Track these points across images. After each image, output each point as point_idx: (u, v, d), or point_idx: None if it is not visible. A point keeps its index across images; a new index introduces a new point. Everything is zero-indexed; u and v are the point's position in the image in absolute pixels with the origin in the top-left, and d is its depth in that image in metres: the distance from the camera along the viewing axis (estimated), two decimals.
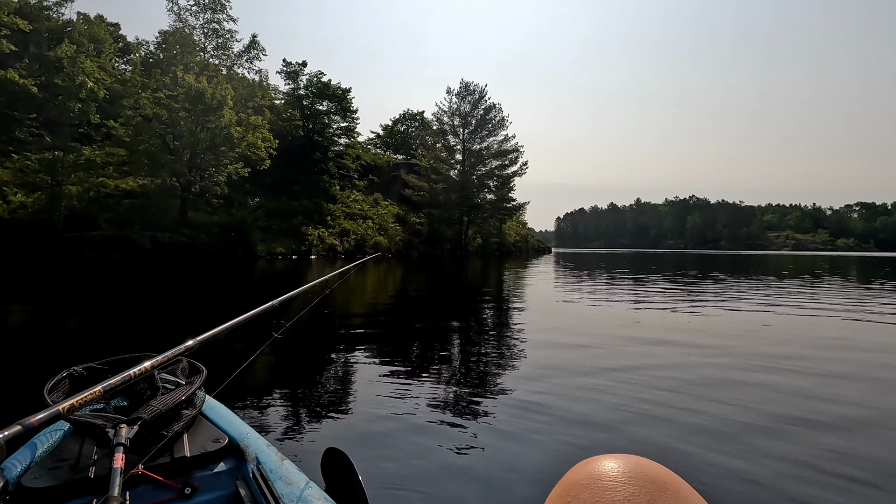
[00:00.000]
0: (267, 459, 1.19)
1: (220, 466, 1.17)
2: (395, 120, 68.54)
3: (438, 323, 7.28)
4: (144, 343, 5.12)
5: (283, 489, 1.09)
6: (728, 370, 4.33)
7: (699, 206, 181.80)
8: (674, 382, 3.86)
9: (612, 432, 2.87)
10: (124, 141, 27.22)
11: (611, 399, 3.44)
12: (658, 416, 3.13)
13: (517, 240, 57.40)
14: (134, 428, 1.05)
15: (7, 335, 5.79)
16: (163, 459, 1.10)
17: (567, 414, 3.13)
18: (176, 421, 1.19)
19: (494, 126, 47.61)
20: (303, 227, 32.94)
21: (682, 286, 13.28)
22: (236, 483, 1.15)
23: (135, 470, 1.02)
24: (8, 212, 22.51)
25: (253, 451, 1.21)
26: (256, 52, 40.68)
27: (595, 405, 3.32)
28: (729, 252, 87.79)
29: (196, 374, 1.43)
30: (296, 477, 1.15)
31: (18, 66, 30.33)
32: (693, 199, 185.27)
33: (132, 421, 1.07)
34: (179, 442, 1.17)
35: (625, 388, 3.70)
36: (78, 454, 1.08)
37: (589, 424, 2.97)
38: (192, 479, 1.11)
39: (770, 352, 5.10)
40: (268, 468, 1.16)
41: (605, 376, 4.04)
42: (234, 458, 1.21)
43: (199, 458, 1.14)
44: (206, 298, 10.07)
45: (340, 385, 3.91)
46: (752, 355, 4.92)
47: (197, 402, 1.32)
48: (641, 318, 7.57)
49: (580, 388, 3.69)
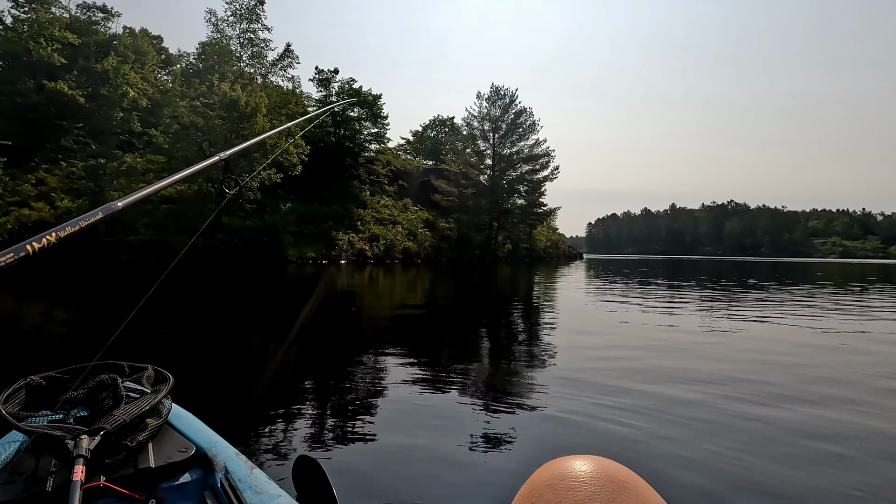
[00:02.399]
0: (236, 469, 1.16)
1: (186, 477, 1.12)
2: (425, 126, 68.86)
3: (444, 325, 6.95)
4: (159, 343, 5.07)
5: (253, 499, 1.06)
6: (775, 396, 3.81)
7: (738, 211, 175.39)
8: (708, 398, 3.40)
9: (644, 448, 2.70)
10: (163, 148, 28.08)
11: (642, 416, 3.20)
12: (694, 432, 2.92)
13: (548, 246, 56.44)
14: (95, 439, 1.00)
15: (38, 335, 5.77)
16: (126, 471, 1.05)
17: (585, 429, 3.00)
18: (141, 431, 1.13)
19: (525, 130, 47.09)
20: (333, 232, 33.20)
21: (734, 294, 12.50)
22: (203, 494, 1.11)
23: (96, 482, 0.97)
24: (54, 217, 23.46)
25: (221, 460, 1.18)
26: (290, 61, 41.55)
27: (621, 422, 3.11)
28: (770, 259, 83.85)
29: (162, 383, 1.35)
30: (266, 486, 1.12)
31: (68, 77, 31.85)
32: (731, 205, 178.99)
33: (94, 431, 1.02)
34: (144, 452, 1.12)
35: (659, 405, 3.40)
36: (34, 468, 1.01)
37: (611, 439, 2.83)
38: (157, 490, 1.07)
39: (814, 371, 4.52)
40: (237, 478, 1.13)
41: (636, 391, 3.78)
42: (202, 468, 1.17)
43: (164, 468, 1.10)
44: (235, 301, 10.02)
45: (315, 392, 3.80)
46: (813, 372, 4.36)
47: (163, 410, 1.26)
48: (683, 327, 7.01)
49: (604, 405, 3.38)
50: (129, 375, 1.37)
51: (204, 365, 4.70)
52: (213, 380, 4.19)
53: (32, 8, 33.21)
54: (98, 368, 1.35)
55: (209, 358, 5.02)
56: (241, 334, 6.43)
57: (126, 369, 1.40)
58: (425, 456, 2.57)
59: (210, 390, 3.82)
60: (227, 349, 5.45)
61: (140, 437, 1.12)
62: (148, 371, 1.43)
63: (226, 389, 3.89)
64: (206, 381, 4.12)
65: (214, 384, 4.04)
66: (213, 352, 5.30)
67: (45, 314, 7.79)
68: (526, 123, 47.10)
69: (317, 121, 4.20)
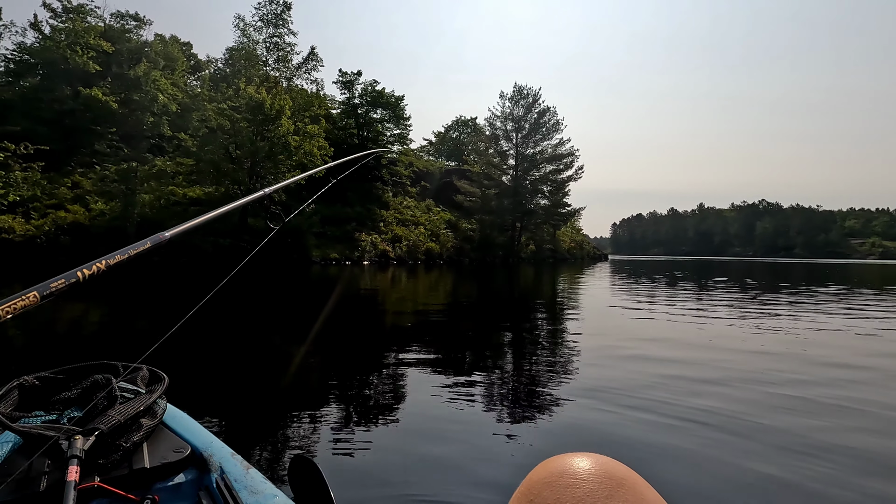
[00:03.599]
0: (232, 469, 1.16)
1: (181, 477, 1.12)
2: (447, 127, 68.81)
3: (462, 327, 6.76)
4: (168, 342, 5.05)
5: (249, 499, 1.06)
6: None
7: (770, 211, 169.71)
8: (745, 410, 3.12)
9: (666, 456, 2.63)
10: (192, 151, 28.69)
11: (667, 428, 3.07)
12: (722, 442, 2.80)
13: (572, 246, 55.60)
14: (90, 439, 1.00)
15: (72, 334, 5.84)
16: (121, 472, 1.04)
17: (598, 432, 2.94)
18: (135, 431, 1.13)
19: (549, 129, 46.48)
20: (356, 234, 33.38)
21: (772, 297, 11.95)
22: (199, 494, 1.11)
23: (90, 483, 0.97)
24: (89, 219, 24.20)
25: (217, 460, 1.18)
26: (314, 64, 42.00)
27: (646, 431, 3.01)
28: (805, 260, 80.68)
29: (157, 383, 1.35)
30: (262, 486, 1.12)
31: (102, 84, 32.91)
32: (763, 204, 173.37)
33: (88, 432, 1.02)
34: (139, 453, 1.11)
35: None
36: (28, 469, 1.00)
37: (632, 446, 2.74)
38: (151, 491, 1.06)
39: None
40: (232, 478, 1.12)
41: (659, 399, 3.65)
42: (197, 468, 1.17)
43: (159, 469, 1.09)
44: (256, 302, 10.04)
45: (316, 393, 3.75)
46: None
47: (158, 411, 1.25)
48: (716, 332, 6.65)
49: (624, 413, 3.26)
50: (124, 376, 1.35)
51: (206, 365, 4.68)
52: (212, 380, 4.17)
53: (69, 18, 34.48)
54: (92, 368, 1.34)
55: (213, 358, 5.01)
56: (253, 334, 6.39)
57: (120, 369, 1.38)
58: (422, 455, 2.56)
59: (208, 390, 3.78)
60: (235, 349, 5.43)
61: (135, 437, 1.11)
62: (142, 371, 1.42)
63: (224, 389, 3.86)
64: (205, 381, 4.10)
65: (213, 384, 4.00)
66: (219, 352, 5.28)
67: (83, 313, 7.93)
68: (549, 123, 46.49)
69: (360, 163, 4.11)
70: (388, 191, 42.70)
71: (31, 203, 24.01)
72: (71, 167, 28.44)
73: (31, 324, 6.72)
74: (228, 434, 2.79)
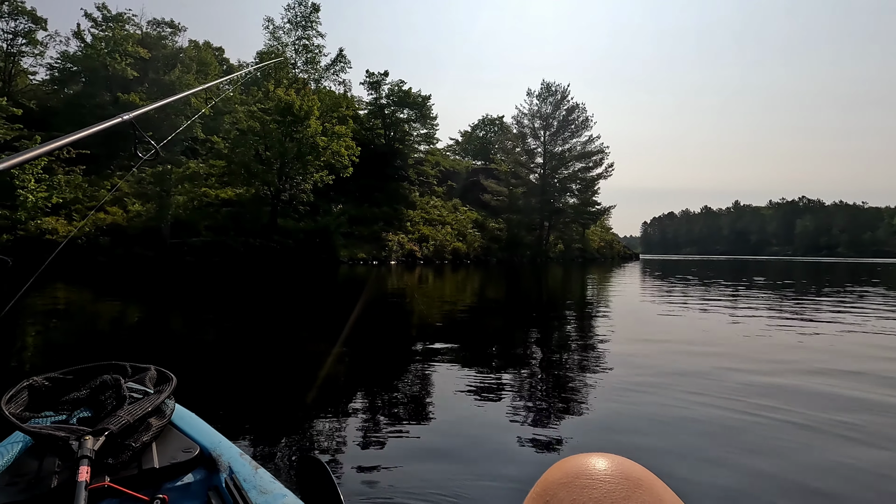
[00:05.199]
0: (240, 469, 1.15)
1: (190, 477, 1.12)
2: (474, 126, 68.46)
3: (487, 328, 6.46)
4: (182, 341, 5.00)
5: (258, 499, 1.06)
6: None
7: (811, 208, 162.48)
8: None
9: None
10: (223, 153, 29.30)
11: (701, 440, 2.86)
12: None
13: (601, 246, 54.44)
14: (100, 439, 1.00)
15: (109, 331, 5.85)
16: (130, 472, 1.05)
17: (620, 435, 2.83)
18: (144, 431, 1.14)
19: (577, 127, 45.63)
20: (383, 234, 33.48)
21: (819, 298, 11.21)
22: (208, 493, 1.11)
23: (100, 483, 0.97)
24: (126, 220, 24.98)
25: (226, 460, 1.17)
26: (342, 65, 42.39)
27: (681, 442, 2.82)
28: (850, 260, 76.67)
29: (165, 383, 1.34)
30: (271, 486, 1.12)
31: (139, 90, 34.02)
32: (803, 201, 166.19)
33: (97, 432, 1.02)
34: (148, 453, 1.12)
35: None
36: (38, 469, 1.02)
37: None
38: (161, 490, 1.06)
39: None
40: (241, 478, 1.12)
41: (690, 402, 3.48)
42: (206, 468, 1.16)
43: (168, 469, 1.10)
44: (281, 301, 10.01)
45: (321, 392, 3.71)
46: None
47: (166, 411, 1.26)
48: (759, 335, 6.17)
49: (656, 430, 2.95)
50: (132, 376, 1.36)
51: (217, 365, 4.61)
52: (222, 380, 4.07)
53: (109, 26, 35.79)
54: (100, 369, 1.33)
55: (226, 358, 4.94)
56: (271, 335, 6.28)
57: (129, 370, 1.38)
58: (433, 453, 2.53)
59: (217, 391, 3.71)
60: (250, 349, 5.32)
61: (144, 437, 1.12)
62: (151, 371, 1.41)
63: (233, 389, 3.80)
64: (215, 381, 4.02)
65: (223, 384, 3.92)
66: (233, 352, 5.20)
67: (120, 311, 8.03)
68: (578, 120, 45.63)
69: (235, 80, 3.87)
70: (414, 190, 42.70)
71: (73, 205, 24.94)
72: (111, 170, 29.45)
73: (42, 323, 6.80)
74: (237, 434, 2.76)
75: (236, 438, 2.65)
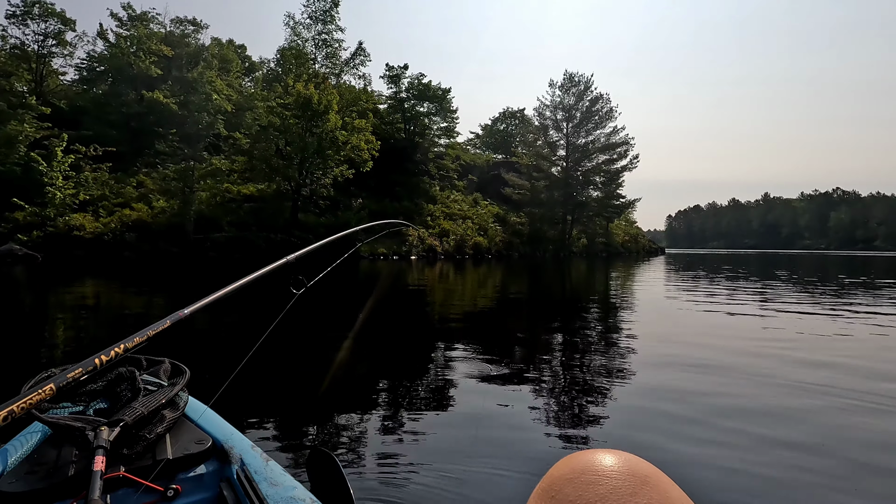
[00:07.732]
0: (252, 461, 1.17)
1: (203, 468, 1.14)
2: (495, 119, 67.66)
3: (507, 325, 6.06)
4: (200, 333, 4.79)
5: (269, 490, 1.08)
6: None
7: (846, 200, 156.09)
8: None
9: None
10: (245, 149, 29.45)
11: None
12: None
13: (626, 240, 53.14)
14: (115, 430, 1.02)
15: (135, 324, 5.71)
16: (144, 462, 1.07)
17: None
18: (158, 423, 1.15)
19: (601, 118, 44.50)
20: (403, 228, 33.24)
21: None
22: (220, 485, 1.13)
23: (115, 472, 1.00)
24: (151, 216, 25.33)
25: (237, 452, 1.19)
26: (362, 59, 42.21)
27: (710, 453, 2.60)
28: (887, 254, 72.92)
29: (179, 376, 1.37)
30: (281, 478, 1.13)
31: (163, 87, 34.48)
32: (837, 193, 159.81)
33: (113, 423, 1.04)
34: (162, 444, 1.14)
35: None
36: (56, 458, 1.04)
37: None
38: (174, 481, 1.08)
39: None
40: (252, 469, 1.13)
41: (706, 403, 3.35)
42: (218, 459, 1.18)
43: (181, 460, 1.11)
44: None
45: (333, 385, 3.70)
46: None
47: (180, 403, 1.28)
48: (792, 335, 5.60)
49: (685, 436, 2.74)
50: (147, 369, 1.39)
51: (230, 358, 4.29)
52: (236, 373, 3.79)
53: (133, 25, 36.35)
54: (117, 361, 1.32)
55: (238, 352, 4.61)
56: (288, 328, 6.03)
57: (144, 363, 1.41)
58: (440, 448, 2.53)
59: (231, 383, 3.48)
60: (264, 342, 5.04)
61: (158, 429, 1.14)
62: (165, 364, 1.43)
63: (246, 382, 3.68)
64: (228, 374, 3.71)
65: (236, 377, 3.66)
66: (246, 346, 4.91)
67: (145, 305, 7.94)
68: (602, 111, 44.49)
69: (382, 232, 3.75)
70: (435, 185, 42.34)
71: (100, 202, 25.40)
72: (136, 167, 29.95)
73: (70, 317, 6.70)
74: (249, 426, 2.77)
75: (248, 431, 2.67)
